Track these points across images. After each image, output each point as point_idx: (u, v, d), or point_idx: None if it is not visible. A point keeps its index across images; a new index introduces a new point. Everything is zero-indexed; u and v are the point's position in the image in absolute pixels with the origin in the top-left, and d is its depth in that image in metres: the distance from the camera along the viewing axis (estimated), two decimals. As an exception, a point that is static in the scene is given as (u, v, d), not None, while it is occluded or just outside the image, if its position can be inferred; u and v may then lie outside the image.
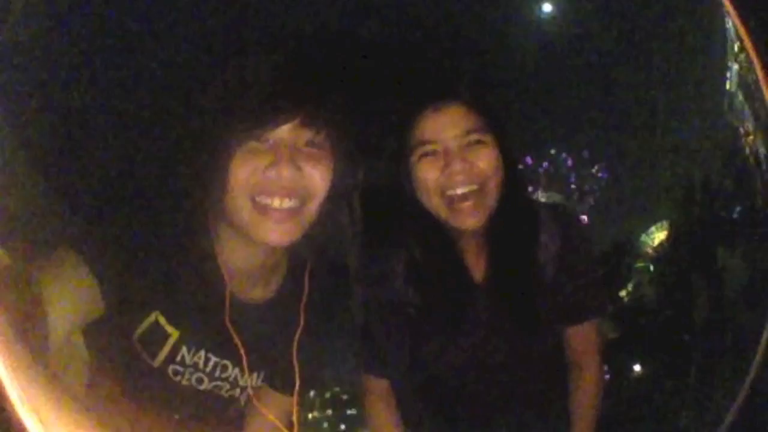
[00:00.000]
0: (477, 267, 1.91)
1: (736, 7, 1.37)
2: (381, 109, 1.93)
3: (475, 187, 1.77)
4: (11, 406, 1.08)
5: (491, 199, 1.79)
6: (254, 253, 1.64)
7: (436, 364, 1.91)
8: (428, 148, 1.79)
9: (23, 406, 1.10)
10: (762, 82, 1.33)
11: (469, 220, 1.78)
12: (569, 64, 2.16)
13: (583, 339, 1.95)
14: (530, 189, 2.80)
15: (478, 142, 1.78)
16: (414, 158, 1.80)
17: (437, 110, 1.80)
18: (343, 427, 2.61)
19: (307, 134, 1.53)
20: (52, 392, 1.25)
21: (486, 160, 1.78)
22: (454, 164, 1.76)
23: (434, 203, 1.80)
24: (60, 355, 1.45)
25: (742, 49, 1.61)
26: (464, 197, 1.77)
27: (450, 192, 1.77)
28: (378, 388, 1.96)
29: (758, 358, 1.36)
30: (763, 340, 1.37)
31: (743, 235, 2.09)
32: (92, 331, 1.59)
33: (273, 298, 1.73)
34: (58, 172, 1.75)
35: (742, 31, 1.38)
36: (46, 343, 1.36)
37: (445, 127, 1.79)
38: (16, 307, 1.32)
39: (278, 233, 1.53)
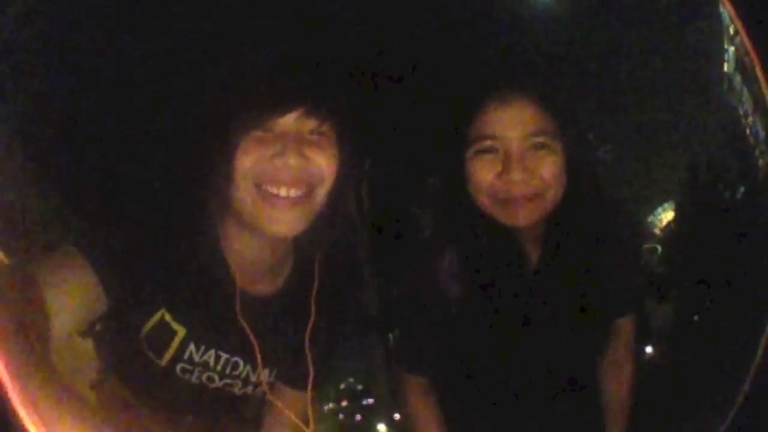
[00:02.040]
0: (533, 253, 1.83)
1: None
2: (440, 96, 1.88)
3: (531, 193, 1.67)
4: (13, 406, 1.09)
5: (549, 204, 1.70)
6: (261, 246, 1.64)
7: (482, 358, 1.84)
8: (487, 144, 1.67)
9: (25, 407, 1.10)
10: (757, 67, 1.33)
11: (521, 217, 1.69)
12: (570, 47, 2.14)
13: (623, 333, 1.91)
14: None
15: (544, 146, 1.67)
16: (470, 153, 1.70)
17: (503, 103, 1.67)
18: (359, 417, 2.61)
19: (312, 123, 1.53)
20: (54, 393, 1.27)
21: (550, 169, 1.67)
22: (513, 171, 1.64)
23: (484, 202, 1.70)
24: (64, 354, 1.46)
25: (737, 32, 1.60)
26: (518, 200, 1.67)
27: (503, 196, 1.68)
28: (418, 386, 1.92)
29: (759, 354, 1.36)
30: (763, 338, 1.37)
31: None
32: (99, 330, 1.60)
33: (280, 291, 1.73)
34: (58, 167, 1.75)
35: (734, 16, 1.37)
36: (48, 342, 1.37)
37: (510, 123, 1.66)
38: (18, 306, 1.33)
39: (284, 224, 1.54)
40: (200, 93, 1.62)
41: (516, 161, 1.65)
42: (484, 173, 1.69)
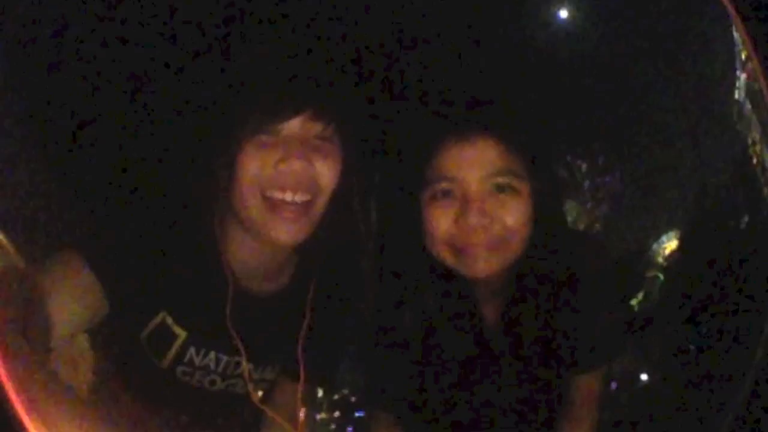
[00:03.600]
0: (492, 306, 1.72)
1: (741, 17, 1.37)
2: (395, 136, 1.80)
3: (492, 241, 1.54)
4: (13, 407, 1.08)
5: (513, 253, 1.58)
6: (262, 249, 1.65)
7: (443, 402, 1.77)
8: (443, 186, 1.56)
9: (25, 408, 1.10)
10: (766, 92, 1.33)
11: (481, 268, 1.56)
12: (581, 73, 2.14)
13: (586, 388, 1.78)
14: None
15: (507, 188, 1.55)
16: (425, 197, 1.58)
17: (461, 141, 1.55)
18: (350, 429, 2.60)
19: (317, 127, 1.53)
20: (54, 394, 1.27)
21: (513, 214, 1.54)
22: (471, 216, 1.51)
23: (441, 253, 1.59)
24: (64, 355, 1.46)
25: (748, 58, 1.60)
26: (478, 248, 1.54)
27: (461, 243, 1.55)
28: (386, 422, 1.87)
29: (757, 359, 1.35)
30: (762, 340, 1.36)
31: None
32: (98, 332, 1.60)
33: (282, 291, 1.74)
34: (60, 170, 1.75)
35: (746, 40, 1.38)
36: (48, 344, 1.37)
37: (469, 164, 1.54)
38: (18, 308, 1.33)
39: (287, 232, 1.54)
40: (205, 96, 1.62)
41: (475, 204, 1.52)
42: (439, 221, 1.57)
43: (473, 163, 1.54)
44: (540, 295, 1.66)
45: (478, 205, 1.52)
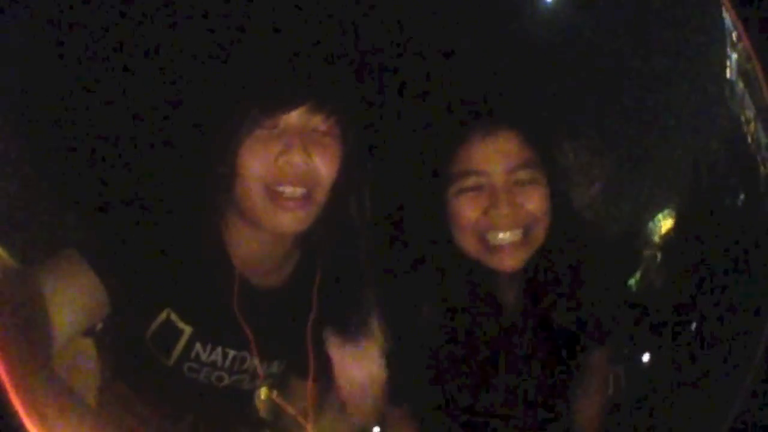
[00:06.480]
0: (512, 300, 1.78)
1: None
2: (418, 128, 1.80)
3: (519, 233, 1.63)
4: (14, 408, 1.09)
5: (536, 243, 1.65)
6: (264, 241, 1.65)
7: (457, 391, 1.79)
8: (472, 181, 1.63)
9: (26, 409, 1.10)
10: (760, 73, 1.33)
11: (508, 262, 1.64)
12: (573, 53, 2.14)
13: (596, 364, 1.85)
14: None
15: (529, 180, 1.63)
16: (453, 190, 1.64)
17: (487, 137, 1.63)
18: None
19: (317, 119, 1.54)
20: (55, 394, 1.27)
21: (536, 202, 1.63)
22: (501, 206, 1.59)
23: (468, 243, 1.65)
24: (65, 356, 1.46)
25: (739, 37, 1.61)
26: (508, 246, 1.61)
27: (490, 236, 1.61)
28: (398, 416, 1.86)
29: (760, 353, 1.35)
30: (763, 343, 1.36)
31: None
32: (103, 332, 1.60)
33: (286, 283, 1.74)
34: (59, 167, 1.75)
35: (737, 22, 1.38)
36: (49, 345, 1.37)
37: (495, 157, 1.62)
38: (19, 309, 1.33)
39: (289, 222, 1.55)
40: (204, 90, 1.62)
41: (502, 195, 1.60)
42: (469, 211, 1.63)
43: (499, 156, 1.61)
44: (555, 279, 1.74)
45: (507, 197, 1.59)
